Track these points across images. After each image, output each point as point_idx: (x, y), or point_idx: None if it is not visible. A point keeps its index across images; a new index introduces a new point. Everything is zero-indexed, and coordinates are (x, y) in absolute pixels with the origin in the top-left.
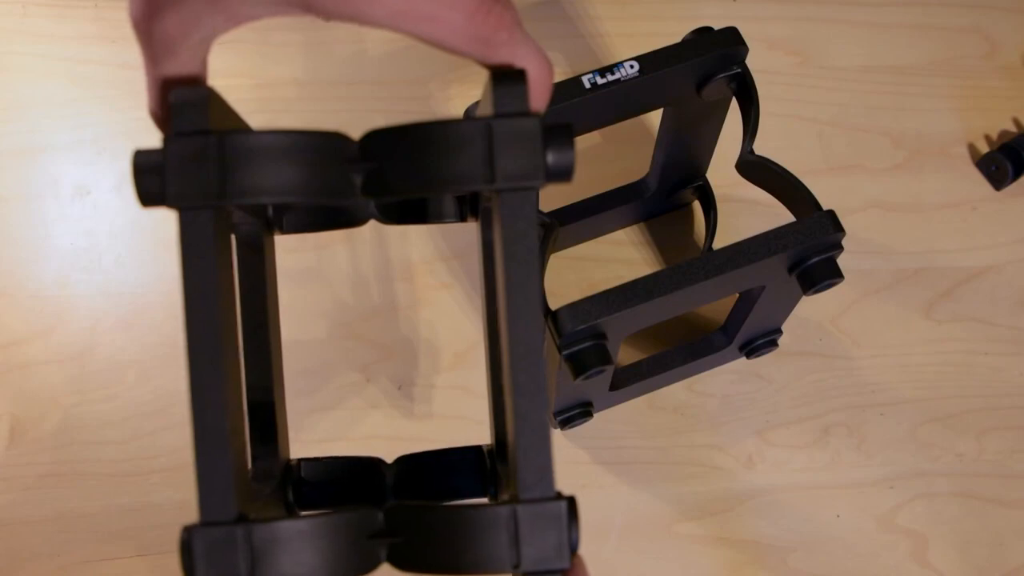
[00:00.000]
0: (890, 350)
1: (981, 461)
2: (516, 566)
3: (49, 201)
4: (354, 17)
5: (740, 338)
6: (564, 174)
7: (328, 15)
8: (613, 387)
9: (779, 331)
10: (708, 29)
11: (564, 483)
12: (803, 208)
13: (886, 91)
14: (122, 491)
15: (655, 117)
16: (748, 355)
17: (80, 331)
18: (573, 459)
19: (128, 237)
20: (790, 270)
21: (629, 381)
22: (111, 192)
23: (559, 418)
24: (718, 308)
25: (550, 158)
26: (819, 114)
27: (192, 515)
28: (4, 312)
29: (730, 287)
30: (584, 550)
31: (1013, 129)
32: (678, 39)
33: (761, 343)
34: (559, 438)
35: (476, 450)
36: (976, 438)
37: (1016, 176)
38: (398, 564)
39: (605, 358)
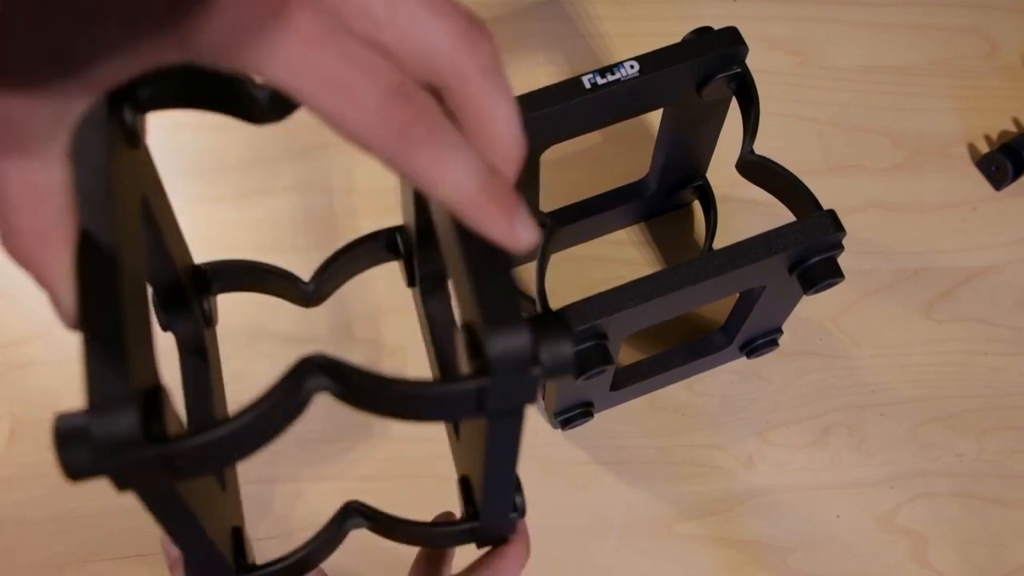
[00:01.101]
0: (890, 350)
1: (981, 461)
2: None
3: None
4: (244, 68)
5: (740, 338)
6: (561, 370)
7: (212, 61)
8: (614, 387)
9: (779, 331)
10: (708, 29)
11: (564, 483)
12: (803, 208)
13: (886, 91)
14: None
15: (655, 117)
16: (748, 355)
17: None
18: (573, 459)
19: None
20: (790, 270)
21: (629, 381)
22: None
23: (559, 418)
24: (718, 308)
25: (544, 357)
26: (819, 114)
27: None
28: (4, 312)
29: (730, 287)
30: (584, 550)
31: (1013, 129)
32: (678, 39)
33: (761, 343)
34: (559, 438)
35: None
36: (976, 438)
37: (1016, 176)
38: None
39: (606, 358)
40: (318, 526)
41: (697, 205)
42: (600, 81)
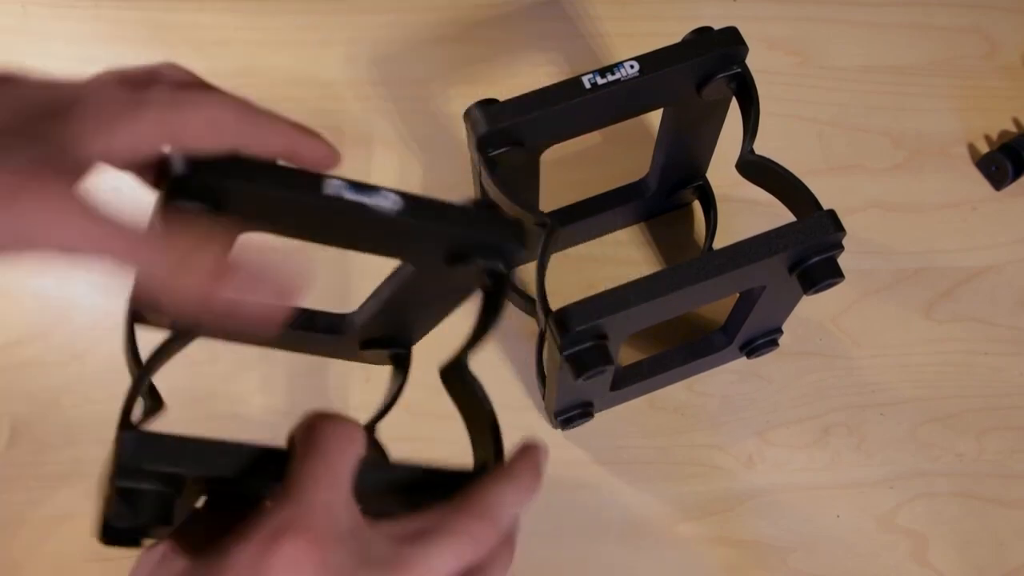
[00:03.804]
0: (890, 350)
1: (981, 461)
2: None
3: None
4: None
5: (740, 338)
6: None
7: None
8: (614, 387)
9: (779, 331)
10: (708, 29)
11: (564, 483)
12: (803, 208)
13: (886, 91)
14: None
15: (655, 117)
16: (748, 355)
17: (80, 331)
18: (573, 459)
19: None
20: (790, 270)
21: (630, 381)
22: (110, 192)
23: (559, 418)
24: (718, 308)
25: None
26: (819, 114)
27: None
28: (4, 312)
29: (731, 287)
30: (584, 550)
31: (1013, 129)
32: (678, 39)
33: (761, 343)
34: (559, 438)
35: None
36: (976, 438)
37: (1016, 176)
38: None
39: (606, 358)
40: None
41: (697, 205)
42: (600, 81)
